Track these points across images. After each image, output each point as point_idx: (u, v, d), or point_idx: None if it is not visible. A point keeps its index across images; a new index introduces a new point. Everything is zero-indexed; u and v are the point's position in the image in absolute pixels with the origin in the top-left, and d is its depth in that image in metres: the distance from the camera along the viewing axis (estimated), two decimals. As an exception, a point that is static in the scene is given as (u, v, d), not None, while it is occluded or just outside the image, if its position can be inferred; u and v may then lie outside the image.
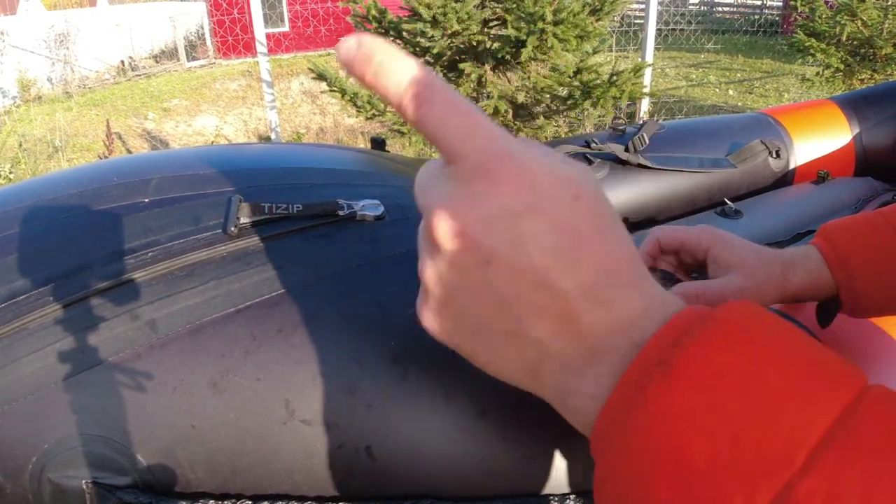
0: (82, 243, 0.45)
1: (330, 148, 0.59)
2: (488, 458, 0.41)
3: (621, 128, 1.04)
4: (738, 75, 7.75)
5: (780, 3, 10.91)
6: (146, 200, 0.47)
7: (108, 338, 0.41)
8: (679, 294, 0.49)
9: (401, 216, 0.49)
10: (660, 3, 5.57)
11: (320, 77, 2.76)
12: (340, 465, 0.40)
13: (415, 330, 0.42)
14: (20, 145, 4.85)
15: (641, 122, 1.07)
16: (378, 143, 0.81)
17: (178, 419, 0.40)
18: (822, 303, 0.54)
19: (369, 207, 0.49)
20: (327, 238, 0.46)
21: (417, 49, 2.67)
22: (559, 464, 0.42)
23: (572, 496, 0.41)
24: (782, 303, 0.52)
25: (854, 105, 1.16)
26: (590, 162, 0.94)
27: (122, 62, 9.28)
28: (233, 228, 0.45)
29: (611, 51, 5.79)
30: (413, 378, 0.41)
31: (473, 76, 2.62)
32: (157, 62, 9.64)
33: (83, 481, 0.39)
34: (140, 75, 8.77)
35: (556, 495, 0.41)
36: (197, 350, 0.41)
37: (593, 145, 0.96)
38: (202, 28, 10.20)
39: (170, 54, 9.60)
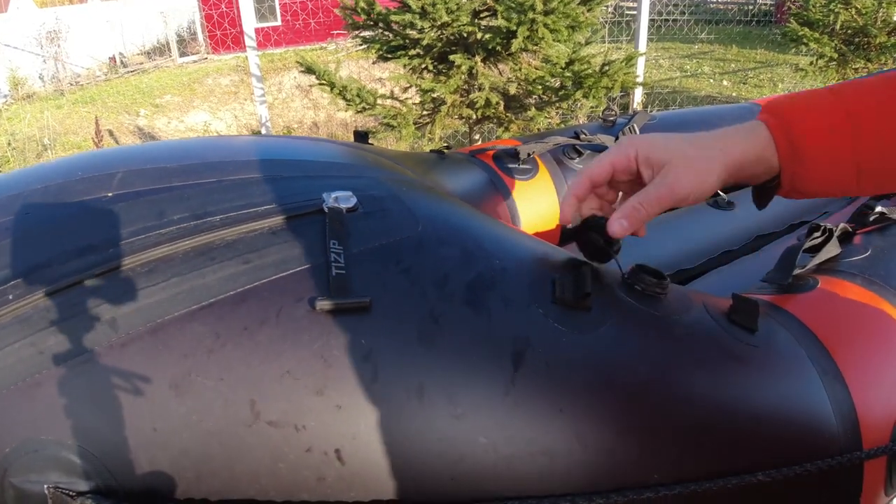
0: (42, 240, 0.43)
1: (303, 139, 0.58)
2: (465, 460, 0.39)
3: (611, 119, 1.02)
4: (733, 66, 7.74)
5: (774, -7, 10.88)
6: (109, 195, 0.45)
7: (66, 338, 0.39)
8: (623, 216, 0.48)
9: (374, 208, 0.47)
10: (653, -6, 5.55)
11: (308, 71, 2.73)
12: (309, 469, 0.39)
13: (386, 326, 0.41)
14: (9, 144, 4.81)
15: (632, 112, 1.06)
16: (360, 136, 0.79)
17: (140, 422, 0.39)
18: (760, 185, 0.53)
19: (342, 199, 0.47)
20: (296, 233, 0.45)
21: (407, 41, 2.65)
22: (539, 465, 0.40)
23: (550, 498, 0.40)
24: (728, 182, 0.51)
25: (846, 92, 1.14)
26: (579, 154, 0.92)
27: (114, 59, 9.21)
28: None
29: (604, 42, 5.77)
30: (384, 377, 0.39)
31: (464, 68, 2.60)
32: (148, 58, 9.57)
33: (45, 486, 0.38)
34: (132, 72, 8.72)
35: (534, 497, 0.40)
36: (158, 349, 0.39)
37: (582, 137, 0.95)
38: (194, 23, 10.13)
39: (161, 50, 9.53)
